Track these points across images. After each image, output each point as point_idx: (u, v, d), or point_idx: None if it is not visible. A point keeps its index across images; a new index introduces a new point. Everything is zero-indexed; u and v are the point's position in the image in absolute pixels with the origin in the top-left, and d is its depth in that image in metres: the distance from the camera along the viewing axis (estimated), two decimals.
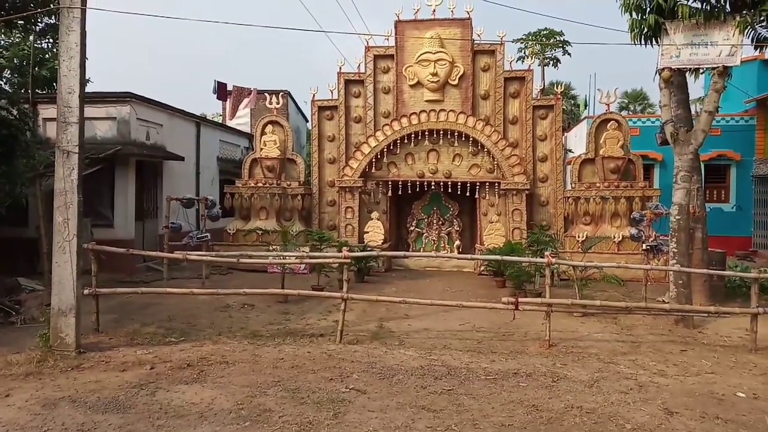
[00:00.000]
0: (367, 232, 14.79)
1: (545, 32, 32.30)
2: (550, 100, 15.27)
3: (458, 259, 13.88)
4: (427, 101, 15.11)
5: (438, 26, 15.06)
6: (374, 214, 14.95)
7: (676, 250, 9.07)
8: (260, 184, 15.39)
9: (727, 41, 8.79)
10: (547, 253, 8.23)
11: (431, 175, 14.98)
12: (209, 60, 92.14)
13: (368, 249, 13.25)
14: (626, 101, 34.40)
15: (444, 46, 14.94)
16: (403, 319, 8.94)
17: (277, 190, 15.30)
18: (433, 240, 15.87)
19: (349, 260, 7.93)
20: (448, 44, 14.95)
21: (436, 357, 6.70)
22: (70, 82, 6.59)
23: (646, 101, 33.63)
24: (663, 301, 9.44)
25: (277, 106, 16.06)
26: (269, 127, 15.81)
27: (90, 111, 9.41)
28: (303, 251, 11.78)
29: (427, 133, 14.77)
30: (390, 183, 15.05)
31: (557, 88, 16.15)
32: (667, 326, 8.61)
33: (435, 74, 14.89)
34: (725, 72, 9.11)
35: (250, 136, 21.06)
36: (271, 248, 12.95)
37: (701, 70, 9.88)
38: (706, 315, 8.65)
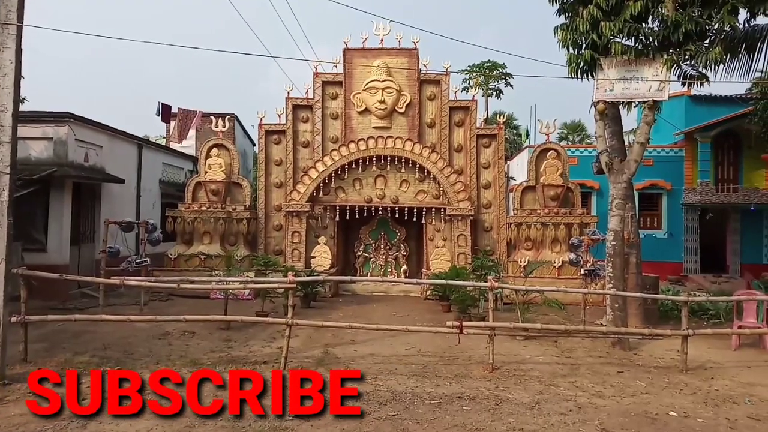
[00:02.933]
0: (314, 257, 14.69)
1: (488, 64, 33.50)
2: (493, 129, 15.75)
3: (405, 283, 13.98)
4: (374, 128, 15.30)
5: (386, 55, 15.36)
6: (321, 239, 14.88)
7: (612, 275, 9.44)
8: (204, 208, 15.08)
9: (656, 77, 9.35)
10: (490, 277, 8.41)
11: (379, 200, 15.10)
12: (156, 82, 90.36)
13: (315, 274, 13.14)
14: (565, 132, 35.86)
15: (391, 74, 15.23)
16: (349, 345, 8.86)
17: (221, 214, 15.02)
18: (381, 265, 15.91)
19: (294, 285, 7.84)
20: (395, 73, 15.25)
21: (381, 382, 6.67)
22: (2, 101, 6.32)
23: (584, 132, 35.15)
24: (601, 324, 9.75)
25: (223, 129, 15.87)
26: (215, 150, 15.58)
27: (25, 131, 9.04)
28: (247, 276, 11.55)
29: (374, 158, 14.92)
30: (338, 208, 15.05)
31: (500, 118, 16.65)
32: (605, 348, 8.89)
33: (383, 102, 15.13)
34: (655, 106, 9.66)
35: (194, 159, 20.65)
36: (214, 273, 12.65)
37: (633, 104, 10.39)
38: (641, 337, 9.00)
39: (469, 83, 32.73)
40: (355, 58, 15.41)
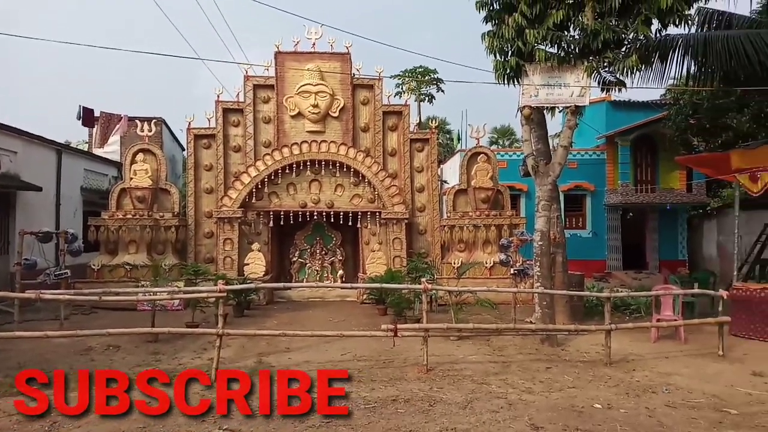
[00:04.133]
0: (248, 264, 14.39)
1: (420, 70, 34.03)
2: (426, 134, 15.99)
3: (341, 288, 13.92)
4: (308, 132, 15.18)
5: (318, 59, 15.28)
6: (255, 246, 14.60)
7: (539, 274, 9.77)
8: (129, 216, 14.44)
9: (578, 83, 9.76)
10: (423, 280, 8.48)
11: (313, 205, 14.98)
12: (78, 85, 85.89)
13: (248, 281, 12.86)
14: (496, 136, 36.93)
15: (324, 78, 15.16)
16: (284, 353, 8.71)
17: (148, 221, 14.43)
18: (317, 270, 15.79)
19: (224, 294, 7.63)
20: (328, 77, 15.19)
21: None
22: None
23: (513, 136, 36.33)
24: (530, 321, 10.06)
25: (149, 134, 15.28)
26: (140, 156, 14.96)
27: None
28: (176, 286, 11.14)
29: (308, 163, 14.80)
30: (271, 213, 14.81)
31: (433, 122, 16.90)
32: (534, 345, 9.17)
33: (316, 106, 15.04)
34: (577, 111, 10.09)
35: (119, 165, 19.81)
36: (140, 284, 12.13)
37: (557, 109, 10.80)
38: (567, 333, 9.35)
39: (402, 88, 33.15)
40: (287, 61, 15.24)
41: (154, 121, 15.83)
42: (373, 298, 12.94)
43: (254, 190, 14.64)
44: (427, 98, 35.86)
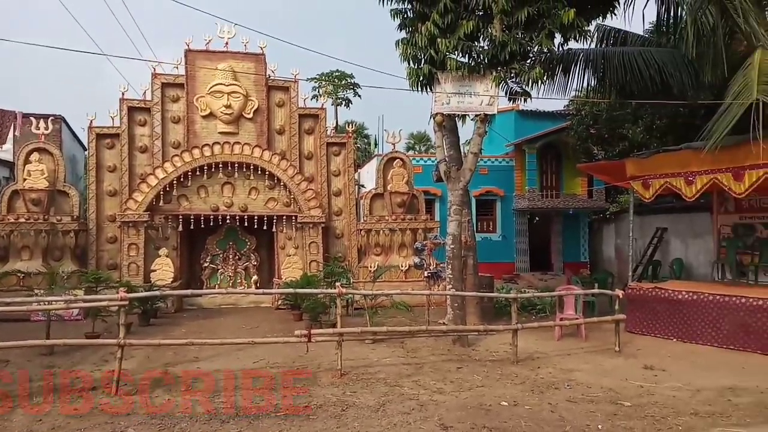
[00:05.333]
0: (155, 270, 13.74)
1: (337, 74, 34.06)
2: (342, 137, 15.98)
3: (255, 294, 13.60)
4: (221, 133, 14.74)
5: (231, 59, 14.90)
6: (163, 251, 13.97)
7: (451, 276, 10.03)
8: (22, 220, 13.35)
9: (487, 92, 10.12)
10: (338, 284, 8.45)
11: (226, 208, 14.55)
12: None
13: (155, 288, 12.28)
14: (412, 142, 37.66)
15: (237, 79, 14.79)
16: (193, 362, 8.38)
17: (43, 226, 13.41)
18: (229, 276, 15.34)
19: (126, 302, 7.24)
20: (242, 78, 14.84)
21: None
22: None
23: (429, 142, 37.19)
24: (443, 323, 10.29)
25: (45, 132, 14.25)
26: (35, 155, 13.88)
27: None
28: (74, 294, 10.44)
29: (221, 165, 14.38)
30: (181, 217, 14.24)
31: (349, 127, 16.91)
32: (447, 346, 9.38)
33: (229, 106, 14.64)
34: (486, 119, 10.45)
35: (11, 165, 18.32)
36: (34, 293, 11.26)
37: (468, 116, 11.13)
38: (477, 333, 9.65)
39: (318, 92, 33.00)
40: (199, 60, 14.74)
41: (51, 118, 14.82)
42: (289, 303, 12.75)
43: (162, 192, 14.01)
44: (344, 102, 35.97)
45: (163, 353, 8.76)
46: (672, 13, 13.37)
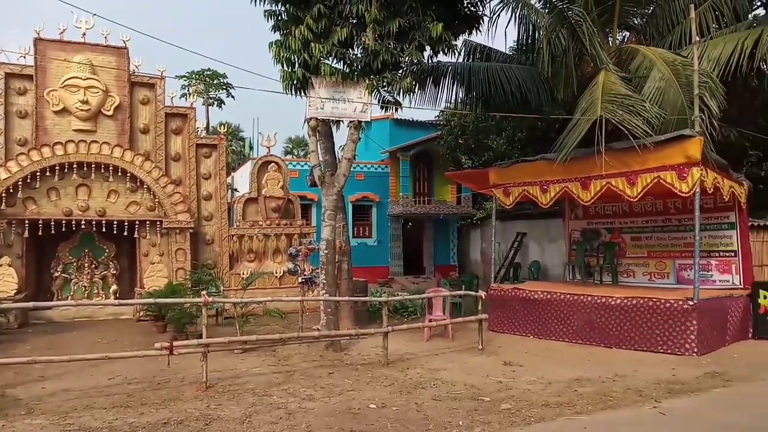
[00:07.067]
0: None
1: (209, 73, 32.72)
2: (213, 139, 15.38)
3: (113, 305, 12.61)
4: (76, 131, 13.53)
5: (89, 51, 13.75)
6: (5, 260, 12.50)
7: (325, 281, 10.00)
8: None
9: (360, 99, 10.26)
10: (203, 292, 8.08)
11: (81, 213, 13.35)
12: None
13: None
14: (290, 146, 37.23)
15: (96, 73, 13.69)
16: (37, 382, 7.56)
17: None
18: (85, 286, 14.07)
19: None
20: (101, 72, 13.75)
21: (72, 421, 5.81)
22: None
23: (307, 147, 36.72)
24: (317, 329, 10.22)
25: None
26: None
27: None
28: None
29: (75, 166, 13.19)
30: (27, 222, 12.82)
31: (222, 128, 16.33)
32: (319, 352, 9.34)
33: (85, 102, 13.48)
34: (360, 125, 10.59)
35: None
36: None
37: (343, 122, 11.21)
38: (350, 338, 9.71)
39: (188, 90, 31.45)
40: (51, 50, 13.41)
41: None
42: (152, 314, 11.96)
43: (5, 195, 12.55)
44: (216, 103, 34.60)
45: (2, 374, 7.81)
46: (531, 34, 14.50)
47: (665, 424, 5.70)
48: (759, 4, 14.90)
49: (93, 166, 13.29)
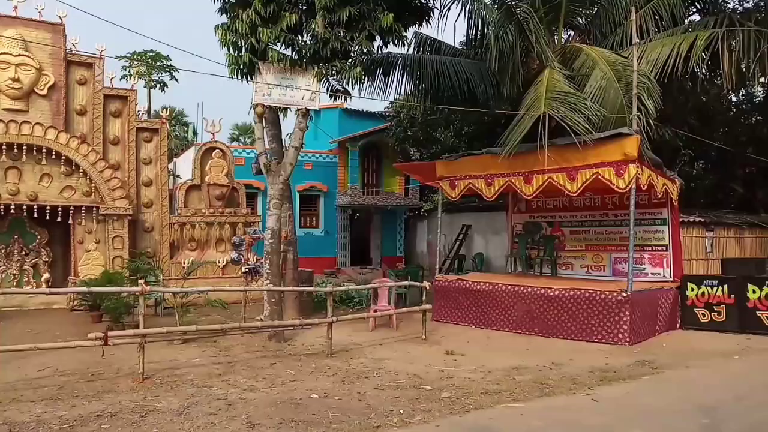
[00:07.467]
0: None
1: (152, 54, 31.47)
2: (155, 123, 14.87)
3: (45, 294, 12.01)
4: (5, 110, 12.79)
5: (21, 26, 13.01)
6: None
7: (269, 271, 9.86)
8: None
9: (309, 87, 10.12)
10: (141, 281, 7.82)
11: (10, 197, 12.65)
12: None
13: None
14: (237, 133, 36.41)
15: (29, 49, 12.96)
16: None
17: None
18: (14, 274, 13.37)
19: None
20: (34, 49, 13.01)
21: None
22: None
23: (254, 134, 36.25)
24: (260, 319, 10.08)
25: None
26: None
27: None
28: None
29: (5, 147, 12.50)
30: None
31: (164, 112, 15.80)
32: (262, 343, 9.21)
33: (16, 80, 12.76)
34: (308, 114, 10.45)
35: None
36: None
37: (290, 110, 11.03)
38: (293, 328, 9.63)
39: (129, 72, 30.16)
40: None
41: None
42: (86, 304, 11.49)
43: None
44: (159, 86, 33.29)
45: None
46: (480, 29, 14.65)
47: (597, 410, 5.94)
48: (695, 9, 15.61)
49: (24, 148, 12.61)
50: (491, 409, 5.89)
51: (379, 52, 12.43)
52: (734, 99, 19.23)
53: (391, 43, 11.12)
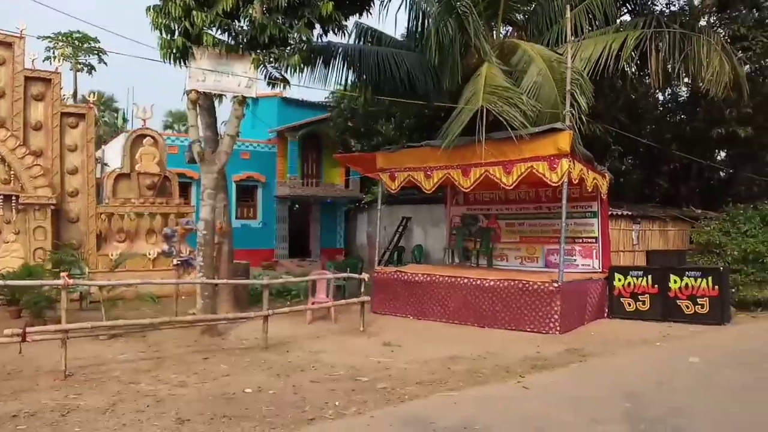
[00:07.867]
0: None
1: (78, 35, 29.69)
2: (81, 107, 14.12)
3: None
4: None
5: None
6: None
7: (202, 264, 9.56)
8: None
9: (246, 74, 9.83)
10: (63, 274, 7.40)
11: None
12: None
13: None
14: (171, 120, 35.14)
15: None
16: None
17: None
18: None
19: None
20: None
21: None
22: None
23: (188, 121, 35.08)
24: (193, 313, 9.77)
25: None
26: None
27: None
28: None
29: None
30: None
31: (91, 96, 15.01)
32: (194, 337, 8.92)
33: None
34: (244, 101, 10.17)
35: None
36: None
37: (226, 97, 10.69)
38: (227, 322, 9.39)
39: (53, 53, 28.36)
40: None
41: None
42: (4, 298, 10.78)
43: None
44: (86, 69, 31.42)
45: None
46: (421, 21, 14.69)
47: (527, 397, 6.10)
48: (626, 10, 16.27)
49: None
50: (426, 398, 5.95)
51: (320, 40, 12.28)
52: (661, 98, 20.20)
53: (331, 31, 11.00)
